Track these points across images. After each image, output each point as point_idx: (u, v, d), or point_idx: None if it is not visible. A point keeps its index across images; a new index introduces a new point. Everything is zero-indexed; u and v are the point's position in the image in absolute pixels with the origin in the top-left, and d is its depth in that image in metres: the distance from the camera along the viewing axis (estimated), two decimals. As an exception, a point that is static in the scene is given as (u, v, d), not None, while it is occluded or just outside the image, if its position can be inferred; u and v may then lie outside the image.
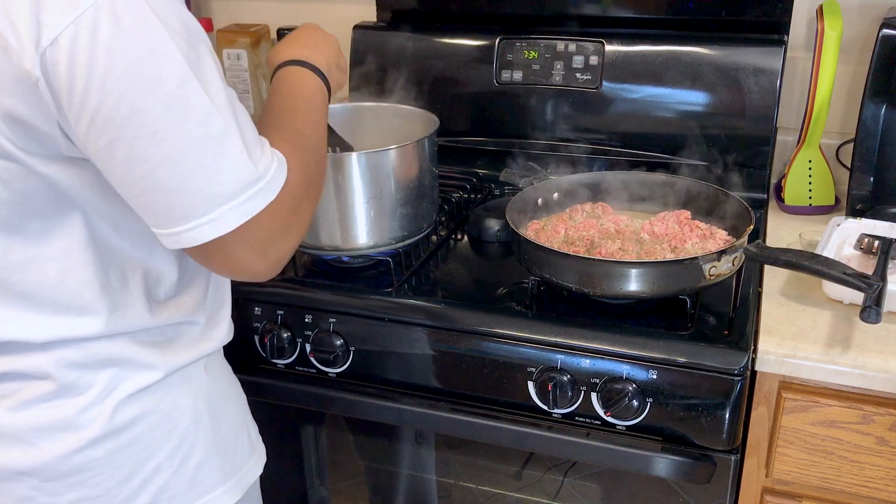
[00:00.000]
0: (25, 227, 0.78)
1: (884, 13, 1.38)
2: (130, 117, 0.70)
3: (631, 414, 1.07)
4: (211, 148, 0.73)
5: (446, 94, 1.61)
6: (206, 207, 0.74)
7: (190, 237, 0.76)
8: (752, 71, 1.43)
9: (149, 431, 0.87)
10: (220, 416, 0.94)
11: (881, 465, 1.06)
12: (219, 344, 0.96)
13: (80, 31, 0.67)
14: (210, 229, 0.75)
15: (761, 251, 1.10)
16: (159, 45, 0.70)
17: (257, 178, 0.77)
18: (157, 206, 0.75)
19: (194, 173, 0.73)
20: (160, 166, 0.72)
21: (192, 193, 0.74)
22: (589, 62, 1.53)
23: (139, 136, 0.70)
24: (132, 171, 0.73)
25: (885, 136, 1.35)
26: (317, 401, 1.23)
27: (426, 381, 1.17)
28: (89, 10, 0.67)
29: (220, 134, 0.74)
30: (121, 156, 0.72)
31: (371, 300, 1.19)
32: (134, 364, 0.86)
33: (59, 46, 0.67)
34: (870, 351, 1.03)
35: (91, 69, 0.68)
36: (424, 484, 1.32)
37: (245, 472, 0.98)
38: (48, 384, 0.83)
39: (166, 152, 0.72)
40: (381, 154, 1.19)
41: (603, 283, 1.08)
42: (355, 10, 1.73)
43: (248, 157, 0.76)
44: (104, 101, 0.69)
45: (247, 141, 0.77)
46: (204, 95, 0.73)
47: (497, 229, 1.36)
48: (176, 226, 0.75)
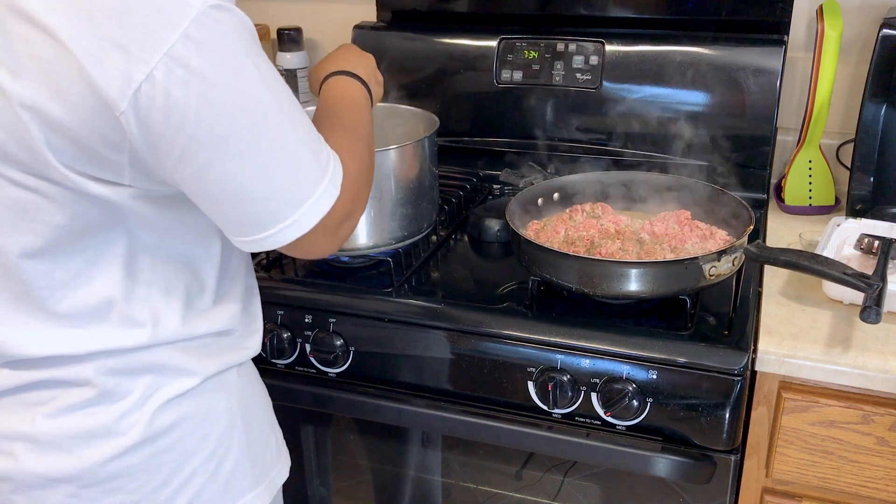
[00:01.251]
0: (73, 247, 0.78)
1: (884, 13, 1.38)
2: (223, 139, 0.73)
3: (631, 414, 1.07)
4: (289, 155, 0.78)
5: (446, 94, 1.61)
6: (289, 210, 0.79)
7: (275, 241, 0.81)
8: (752, 71, 1.43)
9: (185, 436, 0.87)
10: (252, 420, 0.95)
11: (881, 465, 1.06)
12: (252, 353, 0.97)
13: (174, 64, 0.68)
14: (293, 231, 0.80)
15: (761, 251, 1.10)
16: (240, 65, 0.73)
17: (323, 176, 0.81)
18: (245, 217, 0.79)
19: (277, 182, 0.78)
20: (250, 181, 0.76)
21: (277, 200, 0.78)
22: (589, 62, 1.53)
23: (231, 155, 0.74)
24: (222, 189, 0.76)
25: (885, 136, 1.35)
26: (317, 401, 1.23)
27: (426, 381, 1.17)
28: (179, 41, 0.68)
29: (294, 141, 0.78)
30: (214, 176, 0.75)
31: (371, 300, 1.19)
32: (172, 370, 0.86)
33: (155, 81, 0.68)
34: (870, 351, 1.03)
35: (187, 99, 0.69)
36: (424, 484, 1.32)
37: (273, 476, 0.98)
38: (87, 391, 0.83)
39: (254, 167, 0.75)
40: (381, 154, 1.19)
41: (603, 283, 1.08)
42: (355, 10, 1.73)
43: (314, 158, 0.81)
44: (199, 127, 0.71)
45: (311, 140, 0.81)
46: (278, 107, 0.76)
47: (497, 229, 1.36)
48: (261, 232, 0.80)
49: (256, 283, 1.00)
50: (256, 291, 1.00)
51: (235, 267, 0.94)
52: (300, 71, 1.75)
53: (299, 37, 1.75)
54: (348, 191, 0.85)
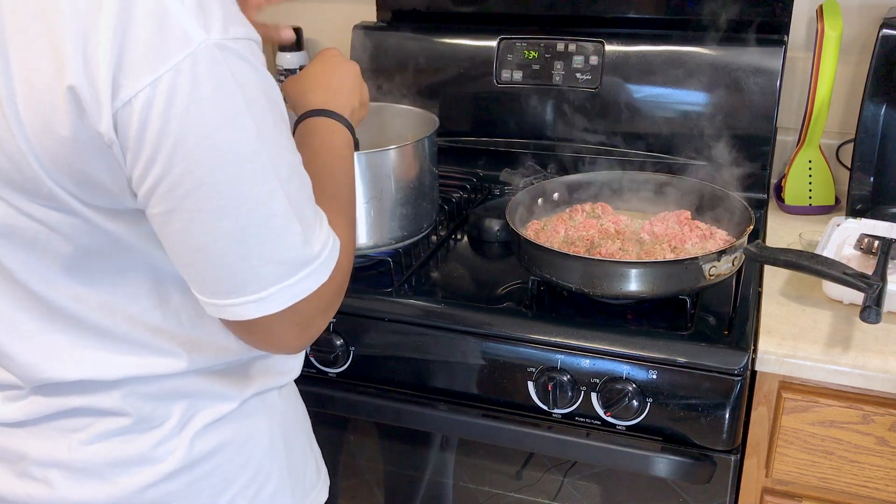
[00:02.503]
0: (93, 277, 0.75)
1: (884, 13, 1.38)
2: (195, 190, 0.65)
3: (631, 414, 1.07)
4: (272, 228, 0.69)
5: (446, 94, 1.61)
6: (256, 286, 0.71)
7: (234, 312, 0.72)
8: (752, 71, 1.43)
9: (226, 462, 0.84)
10: (293, 442, 0.92)
11: (881, 465, 1.06)
12: (294, 375, 0.92)
13: (157, 96, 0.62)
14: (256, 308, 0.71)
15: (761, 251, 1.10)
16: (235, 116, 0.65)
17: (311, 260, 0.73)
18: (207, 277, 0.71)
19: (251, 252, 0.69)
20: (217, 241, 0.68)
21: (245, 271, 0.70)
22: (589, 62, 1.53)
23: (201, 209, 0.66)
24: (186, 242, 0.69)
25: (885, 136, 1.35)
26: (317, 401, 1.23)
27: (426, 381, 1.17)
28: (168, 74, 0.62)
29: (283, 213, 0.70)
30: (177, 226, 0.68)
31: (371, 300, 1.19)
32: (209, 395, 0.83)
33: (132, 109, 0.62)
34: (870, 351, 1.03)
35: (161, 137, 0.63)
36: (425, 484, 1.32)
37: (313, 498, 0.95)
38: (123, 419, 0.80)
39: (225, 229, 0.68)
40: (381, 154, 1.19)
41: (603, 283, 1.08)
42: (355, 10, 1.73)
43: (304, 238, 0.72)
44: (170, 170, 0.64)
45: (305, 218, 0.73)
46: (272, 172, 0.68)
47: (497, 229, 1.36)
48: (222, 299, 0.72)
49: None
50: None
51: None
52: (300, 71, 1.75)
53: (299, 37, 1.75)
54: (334, 281, 0.76)
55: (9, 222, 0.70)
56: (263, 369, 0.88)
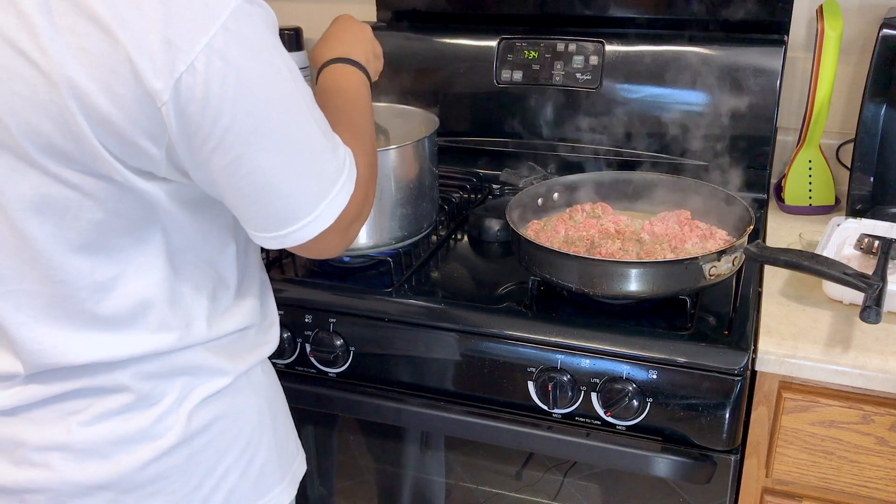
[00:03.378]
0: (110, 246, 0.78)
1: (884, 13, 1.38)
2: (255, 131, 0.73)
3: (631, 414, 1.07)
4: (313, 150, 0.79)
5: (446, 94, 1.61)
6: (310, 206, 0.80)
7: (296, 237, 0.81)
8: (752, 71, 1.43)
9: (220, 435, 0.88)
10: (277, 414, 0.97)
11: (881, 465, 1.06)
12: (273, 346, 0.97)
13: (213, 55, 0.69)
14: (314, 227, 0.81)
15: (761, 251, 1.10)
16: (272, 58, 0.74)
17: (341, 171, 0.82)
18: (271, 211, 0.79)
19: (303, 176, 0.78)
20: (278, 174, 0.76)
21: (300, 195, 0.79)
22: (589, 62, 1.53)
23: (262, 147, 0.74)
24: (253, 183, 0.76)
25: (885, 136, 1.35)
26: (317, 401, 1.23)
27: (426, 381, 1.17)
28: (219, 33, 0.69)
29: (317, 136, 0.79)
30: (245, 169, 0.75)
31: (371, 300, 1.19)
32: (206, 370, 0.87)
33: (196, 71, 0.69)
34: (870, 351, 1.03)
35: (224, 90, 0.70)
36: (424, 484, 1.32)
37: (295, 469, 1.00)
38: (125, 396, 0.83)
39: (283, 160, 0.76)
40: (381, 154, 1.19)
41: (603, 283, 1.08)
42: (355, 10, 1.73)
43: (334, 154, 0.81)
44: (234, 118, 0.72)
45: (330, 136, 0.82)
46: (303, 102, 0.78)
47: (497, 229, 1.36)
48: (285, 228, 0.80)
49: (268, 278, 1.01)
50: (269, 284, 1.01)
51: (252, 264, 0.95)
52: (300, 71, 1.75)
53: (299, 37, 1.75)
54: (360, 189, 0.85)
55: (43, 191, 0.74)
56: (249, 342, 0.92)
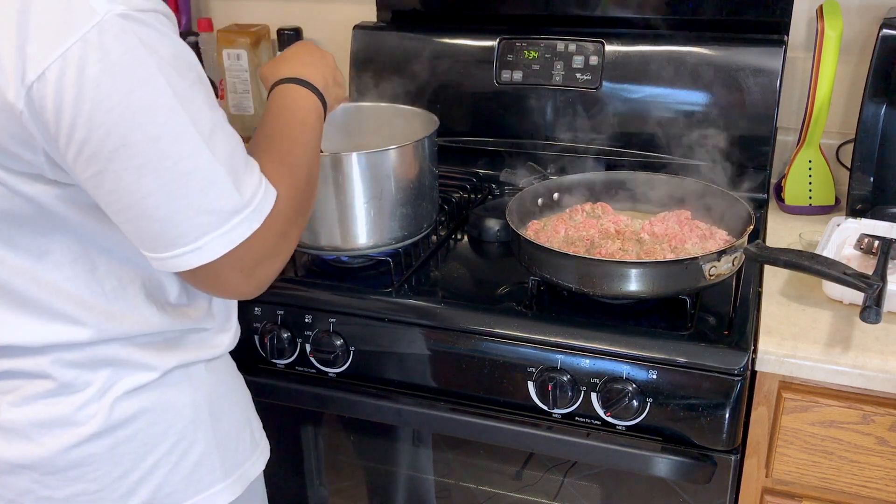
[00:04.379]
0: (16, 242, 0.79)
1: (884, 13, 1.38)
2: (118, 151, 0.70)
3: (631, 414, 1.07)
4: (198, 179, 0.74)
5: (446, 94, 1.61)
6: (192, 236, 0.76)
7: (176, 263, 0.78)
8: (752, 71, 1.43)
9: (146, 428, 0.88)
10: (222, 413, 0.95)
11: (881, 465, 1.06)
12: (223, 351, 0.96)
13: (68, 66, 0.67)
14: (195, 257, 0.77)
15: (761, 251, 1.10)
16: (147, 78, 0.70)
17: (243, 207, 0.77)
18: (145, 233, 0.76)
19: (181, 204, 0.74)
20: (148, 197, 0.73)
21: (178, 224, 0.75)
22: (589, 62, 1.53)
23: (127, 168, 0.71)
24: (120, 200, 0.74)
25: (885, 136, 1.35)
26: (317, 401, 1.23)
27: (426, 381, 1.17)
28: (77, 45, 0.67)
29: (207, 164, 0.75)
30: (109, 186, 0.73)
31: (371, 300, 1.19)
32: (130, 364, 0.87)
33: (46, 81, 0.67)
34: (870, 351, 1.03)
35: (78, 103, 0.68)
36: (424, 484, 1.32)
37: (246, 468, 0.98)
38: (47, 382, 0.84)
39: (154, 184, 0.73)
40: (381, 154, 1.19)
41: (603, 283, 1.08)
42: (355, 10, 1.73)
43: (233, 187, 0.76)
44: (91, 134, 0.69)
45: (234, 169, 0.77)
46: (191, 127, 0.73)
47: (497, 229, 1.36)
48: (163, 251, 0.77)
49: None
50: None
51: None
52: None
53: (299, 37, 1.75)
54: (273, 227, 0.81)
55: None
56: (188, 344, 0.91)
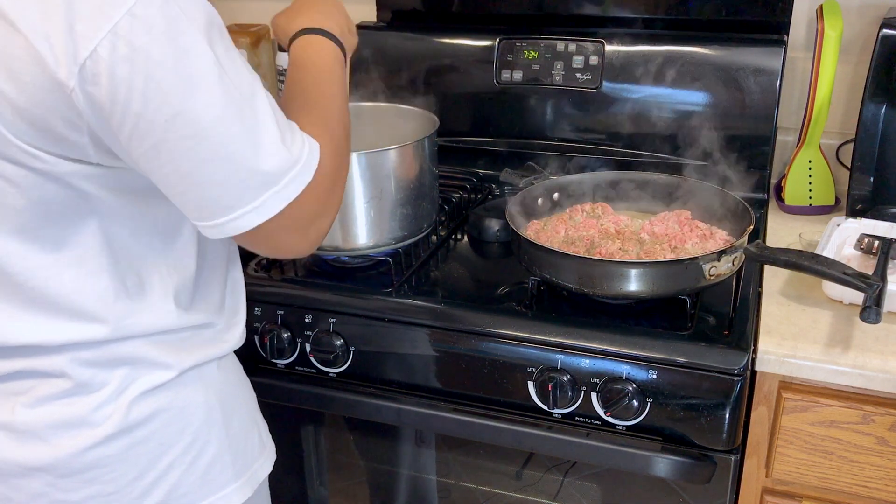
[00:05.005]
0: (42, 234, 0.78)
1: (884, 13, 1.38)
2: (173, 119, 0.71)
3: (631, 414, 1.07)
4: (250, 139, 0.75)
5: (446, 94, 1.61)
6: (250, 196, 0.77)
7: (235, 226, 0.78)
8: (752, 71, 1.43)
9: (162, 429, 0.88)
10: (232, 413, 0.95)
11: (881, 465, 1.06)
12: (232, 347, 0.96)
13: (118, 41, 0.67)
14: (255, 216, 0.78)
15: (761, 251, 1.10)
16: (192, 45, 0.71)
17: (293, 164, 0.79)
18: (203, 200, 0.77)
19: (237, 165, 0.75)
20: (205, 163, 0.74)
21: (236, 184, 0.76)
22: (589, 62, 1.53)
23: (183, 136, 0.72)
24: (177, 170, 0.74)
25: (885, 136, 1.35)
26: (317, 401, 1.23)
27: (426, 381, 1.17)
28: (125, 19, 0.67)
29: (256, 124, 0.76)
30: (166, 157, 0.73)
31: (371, 300, 1.19)
32: (148, 363, 0.86)
33: (99, 58, 0.67)
34: (870, 351, 1.03)
35: (132, 77, 0.69)
36: (424, 484, 1.32)
37: (255, 469, 0.98)
38: (63, 382, 0.83)
39: (210, 149, 0.73)
40: (381, 154, 1.19)
41: (603, 283, 1.08)
42: (355, 10, 1.73)
43: (282, 144, 0.78)
44: (146, 106, 0.70)
45: (280, 127, 0.79)
46: (236, 89, 0.74)
47: (497, 229, 1.36)
48: (221, 216, 0.77)
49: (241, 276, 0.99)
50: (241, 285, 0.99)
51: (214, 261, 0.93)
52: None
53: (299, 37, 1.75)
54: (322, 183, 0.82)
55: None
56: (201, 341, 0.91)
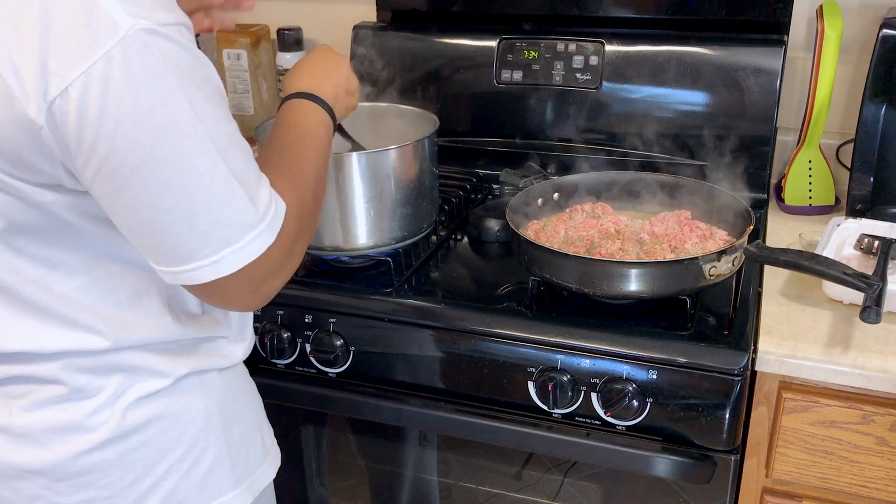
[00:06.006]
0: (30, 252, 0.78)
1: (884, 13, 1.38)
2: (139, 167, 0.70)
3: (631, 414, 1.07)
4: (217, 194, 0.74)
5: (446, 94, 1.61)
6: (209, 250, 0.75)
7: (190, 277, 0.77)
8: (752, 71, 1.43)
9: (159, 435, 0.88)
10: (234, 420, 0.94)
11: (881, 465, 1.06)
12: (237, 361, 0.95)
13: (92, 83, 0.66)
14: (211, 271, 0.76)
15: (761, 251, 1.10)
16: (169, 93, 0.70)
17: (258, 221, 0.77)
18: (161, 247, 0.76)
19: (200, 219, 0.74)
20: (167, 213, 0.73)
21: (196, 238, 0.75)
22: (589, 62, 1.53)
23: (147, 184, 0.71)
24: (138, 215, 0.73)
25: (885, 136, 1.35)
26: (317, 401, 1.23)
27: (426, 381, 1.17)
28: (100, 62, 0.66)
29: (225, 179, 0.74)
30: (127, 202, 0.72)
31: (371, 300, 1.19)
32: (144, 371, 0.86)
33: (69, 98, 0.66)
34: (870, 351, 1.03)
35: (101, 120, 0.67)
36: (424, 484, 1.32)
37: (257, 476, 0.98)
38: (59, 388, 0.84)
39: (173, 200, 0.72)
40: (381, 154, 1.19)
41: (603, 283, 1.08)
42: (355, 10, 1.73)
43: (249, 201, 0.76)
44: (113, 151, 0.69)
45: (249, 182, 0.77)
46: (209, 142, 0.73)
47: (497, 229, 1.36)
48: (178, 266, 0.76)
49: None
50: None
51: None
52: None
53: (299, 37, 1.75)
54: (282, 244, 0.81)
55: None
56: (202, 351, 0.91)
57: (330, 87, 1.01)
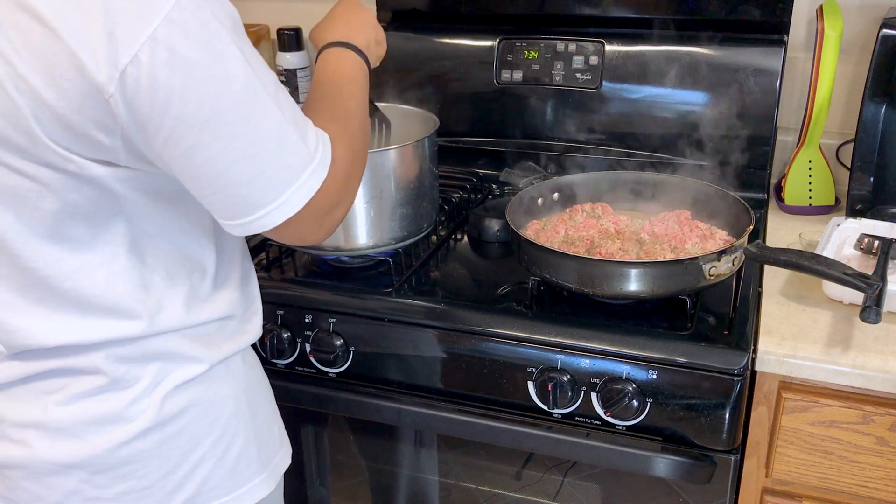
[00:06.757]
0: (73, 235, 0.80)
1: (884, 13, 1.38)
2: (209, 121, 0.73)
3: (631, 414, 1.07)
4: (275, 138, 0.78)
5: (446, 94, 1.61)
6: (275, 194, 0.79)
7: (262, 224, 0.80)
8: (752, 71, 1.43)
9: (194, 422, 0.89)
10: (258, 406, 0.96)
11: (881, 465, 1.06)
12: (254, 336, 0.97)
13: (158, 46, 0.69)
14: (280, 214, 0.80)
15: (761, 251, 1.10)
16: (223, 47, 0.73)
17: (311, 159, 0.81)
18: (231, 200, 0.79)
19: (264, 164, 0.77)
20: (235, 162, 0.76)
21: (263, 183, 0.78)
22: (589, 62, 1.53)
23: (217, 137, 0.74)
24: (209, 171, 0.76)
25: (885, 136, 1.35)
26: (317, 401, 1.23)
27: (426, 381, 1.17)
28: (163, 25, 0.69)
29: (280, 122, 0.78)
30: (199, 159, 0.75)
31: (371, 300, 1.19)
32: (180, 357, 0.87)
33: (140, 63, 0.69)
34: (870, 351, 1.03)
35: (171, 81, 0.70)
36: (424, 484, 1.32)
37: (276, 462, 1.00)
38: (98, 378, 0.84)
39: (240, 150, 0.76)
40: (381, 154, 1.19)
41: (603, 283, 1.08)
42: (355, 10, 1.73)
43: (301, 141, 0.80)
44: (184, 109, 0.72)
45: (298, 124, 0.81)
46: (262, 89, 0.76)
47: (497, 229, 1.36)
48: (248, 215, 0.80)
49: (253, 266, 1.01)
50: (253, 274, 1.01)
51: (231, 253, 0.95)
52: (300, 71, 1.74)
53: (299, 37, 1.75)
54: (337, 176, 0.84)
55: (3, 181, 0.75)
56: (229, 332, 0.93)
57: (362, 36, 1.03)
